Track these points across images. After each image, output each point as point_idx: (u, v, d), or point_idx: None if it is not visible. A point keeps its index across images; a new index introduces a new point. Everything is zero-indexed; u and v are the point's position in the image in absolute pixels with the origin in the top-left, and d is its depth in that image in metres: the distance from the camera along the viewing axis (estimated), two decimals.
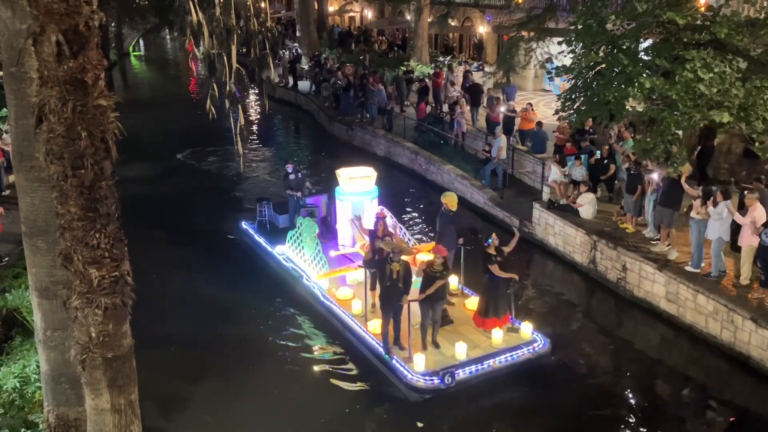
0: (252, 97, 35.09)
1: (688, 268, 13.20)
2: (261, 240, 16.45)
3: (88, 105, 6.73)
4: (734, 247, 13.01)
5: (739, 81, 12.74)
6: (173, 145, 26.27)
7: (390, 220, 14.52)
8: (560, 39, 16.60)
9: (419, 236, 17.01)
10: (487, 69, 29.53)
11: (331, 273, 13.96)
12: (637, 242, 14.57)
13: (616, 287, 14.52)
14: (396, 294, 11.31)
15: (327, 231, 15.73)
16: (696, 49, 13.19)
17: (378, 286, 12.39)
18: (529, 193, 18.50)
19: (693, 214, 13.09)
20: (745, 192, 13.04)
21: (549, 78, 24.27)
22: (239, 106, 8.54)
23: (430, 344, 11.81)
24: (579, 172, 16.72)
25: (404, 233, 15.07)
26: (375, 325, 12.33)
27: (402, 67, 30.42)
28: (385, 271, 11.44)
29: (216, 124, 11.63)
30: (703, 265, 13.09)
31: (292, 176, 16.67)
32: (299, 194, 16.42)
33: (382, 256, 12.10)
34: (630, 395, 11.41)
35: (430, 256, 12.05)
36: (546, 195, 17.10)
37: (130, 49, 55.38)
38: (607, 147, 17.16)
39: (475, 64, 33.61)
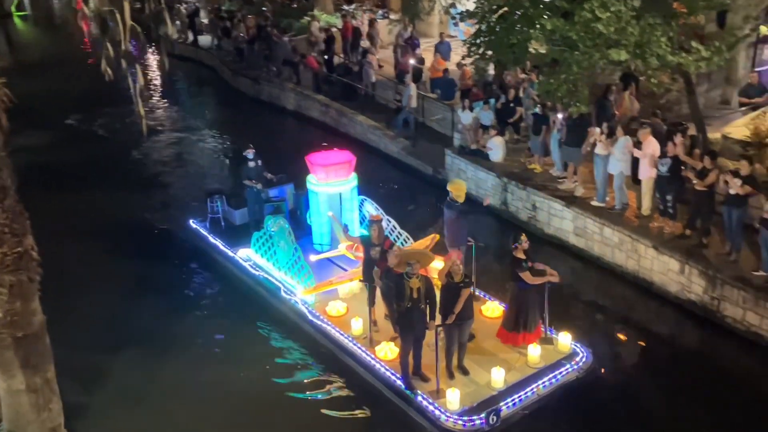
0: (151, 56, 33.54)
1: (594, 203, 13.83)
2: (218, 242, 13.84)
3: None
4: (635, 180, 13.68)
5: (634, 19, 13.17)
6: (68, 109, 24.75)
7: (371, 206, 13.01)
8: None
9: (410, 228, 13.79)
10: (392, 17, 29.29)
11: (321, 286, 11.70)
12: (545, 181, 15.08)
13: (528, 226, 15.04)
14: (418, 317, 9.23)
15: (297, 228, 13.23)
16: None
17: (380, 302, 10.69)
18: (440, 140, 18.71)
19: (597, 150, 13.62)
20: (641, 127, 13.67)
21: (454, 23, 24.29)
22: (137, 66, 8.16)
23: (456, 370, 9.87)
24: (487, 116, 17.02)
25: (393, 227, 12.96)
26: (385, 350, 10.32)
27: (306, 18, 29.74)
28: (401, 288, 9.21)
29: (114, 86, 11.04)
30: (607, 199, 13.73)
31: (251, 163, 14.07)
32: (260, 185, 13.98)
33: (383, 267, 10.26)
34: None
35: (439, 263, 10.42)
36: (457, 141, 17.36)
37: (13, 8, 51.53)
38: (513, 90, 17.49)
39: (380, 12, 33.24)
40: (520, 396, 9.51)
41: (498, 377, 9.64)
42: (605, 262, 13.43)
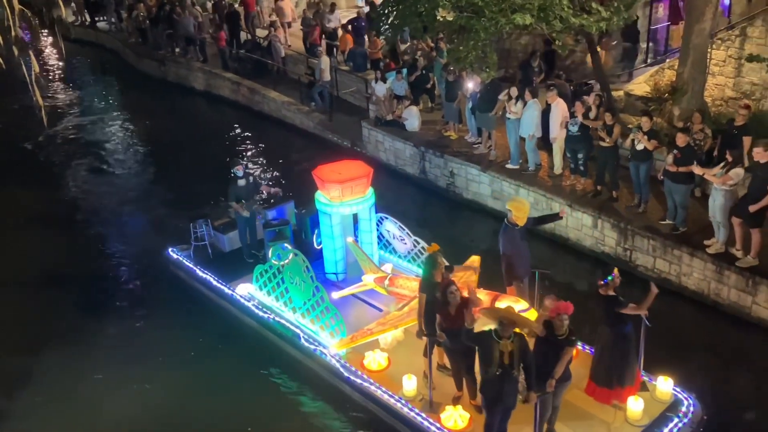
0: (46, 41, 31.76)
1: (509, 166, 14.18)
2: (208, 276, 11.55)
3: None
4: (546, 141, 14.08)
5: None
6: None
7: (392, 225, 11.31)
8: None
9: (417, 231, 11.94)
10: None
11: (360, 337, 9.33)
12: (461, 148, 15.33)
13: (447, 192, 15.28)
14: (510, 386, 7.35)
15: (303, 251, 10.50)
16: None
17: (440, 356, 8.88)
18: (356, 112, 18.67)
19: (508, 114, 13.92)
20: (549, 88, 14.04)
21: None
22: (30, 53, 7.71)
23: None
24: (401, 86, 17.08)
25: (409, 239, 11.20)
26: (453, 417, 8.26)
27: None
28: (488, 351, 7.23)
29: (7, 75, 10.39)
30: (521, 161, 14.10)
31: (241, 182, 11.77)
32: (247, 213, 11.76)
33: (456, 324, 7.94)
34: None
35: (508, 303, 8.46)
36: (372, 113, 17.36)
37: None
38: (425, 59, 17.60)
39: None
40: None
41: None
42: None
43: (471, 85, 14.90)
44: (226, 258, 12.18)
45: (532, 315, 8.54)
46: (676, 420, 8.22)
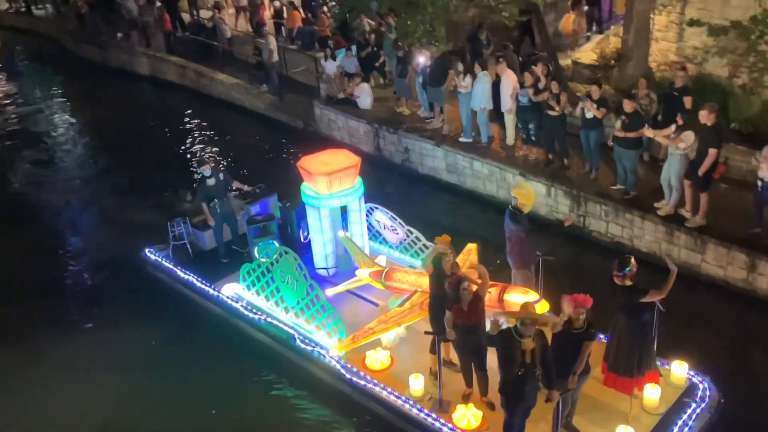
0: None
1: (462, 139, 14.27)
2: (191, 277, 10.97)
3: None
4: (498, 113, 14.19)
5: None
6: None
7: (383, 215, 11.02)
8: None
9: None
10: None
11: (361, 337, 8.89)
12: (415, 123, 15.35)
13: (402, 168, 15.32)
14: (532, 385, 7.04)
15: (290, 246, 10.10)
16: None
17: (445, 351, 8.50)
18: (306, 91, 18.48)
19: (459, 88, 13.97)
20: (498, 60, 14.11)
21: None
22: None
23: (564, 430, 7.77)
24: (351, 63, 16.96)
25: (415, 239, 10.84)
26: (466, 417, 7.91)
27: None
28: (510, 351, 6.87)
29: None
30: (473, 134, 14.20)
31: (211, 181, 11.09)
32: (210, 223, 11.25)
33: (470, 321, 7.71)
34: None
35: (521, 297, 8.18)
36: (323, 91, 17.22)
37: None
38: (374, 35, 17.48)
39: None
40: None
41: None
42: (478, 194, 13.97)
43: (421, 59, 14.89)
44: (207, 256, 11.58)
45: (543, 306, 8.28)
46: (692, 405, 7.95)
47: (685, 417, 7.77)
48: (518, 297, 8.30)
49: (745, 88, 12.94)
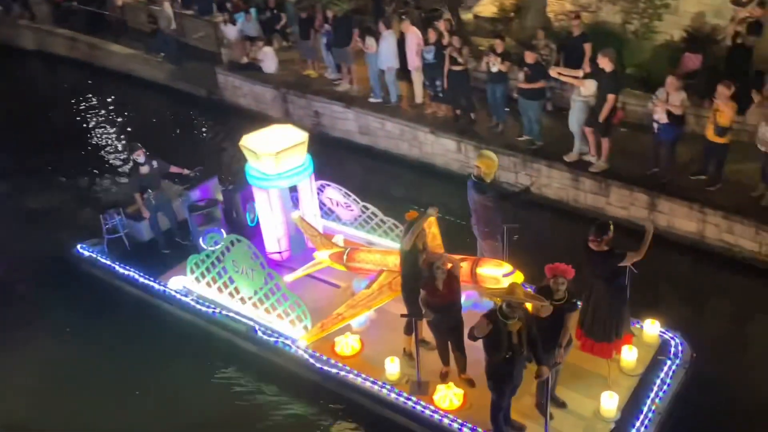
0: None
1: (372, 100, 14.24)
2: (132, 272, 10.19)
3: None
4: (406, 71, 14.21)
5: None
6: None
7: (335, 192, 10.52)
8: None
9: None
10: None
11: (331, 326, 8.40)
12: (323, 86, 15.18)
13: (314, 132, 15.13)
14: (520, 366, 6.78)
15: (237, 232, 9.76)
16: None
17: (424, 329, 7.90)
18: (208, 59, 17.88)
19: (365, 49, 13.88)
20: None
21: None
22: None
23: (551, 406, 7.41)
24: (251, 26, 16.52)
25: (372, 215, 10.34)
26: (448, 396, 7.60)
27: None
28: (497, 335, 6.46)
29: None
30: (383, 94, 14.19)
31: (144, 168, 10.28)
32: (174, 190, 10.70)
33: (446, 300, 7.43)
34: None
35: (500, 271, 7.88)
36: (225, 57, 16.73)
37: None
38: None
39: None
40: (642, 422, 7.22)
41: (611, 405, 7.26)
42: (391, 154, 14.04)
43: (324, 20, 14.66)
44: (146, 249, 10.77)
45: (518, 277, 8.01)
46: (668, 363, 7.94)
47: (662, 375, 7.78)
48: (491, 270, 8.08)
49: (637, 34, 13.46)
